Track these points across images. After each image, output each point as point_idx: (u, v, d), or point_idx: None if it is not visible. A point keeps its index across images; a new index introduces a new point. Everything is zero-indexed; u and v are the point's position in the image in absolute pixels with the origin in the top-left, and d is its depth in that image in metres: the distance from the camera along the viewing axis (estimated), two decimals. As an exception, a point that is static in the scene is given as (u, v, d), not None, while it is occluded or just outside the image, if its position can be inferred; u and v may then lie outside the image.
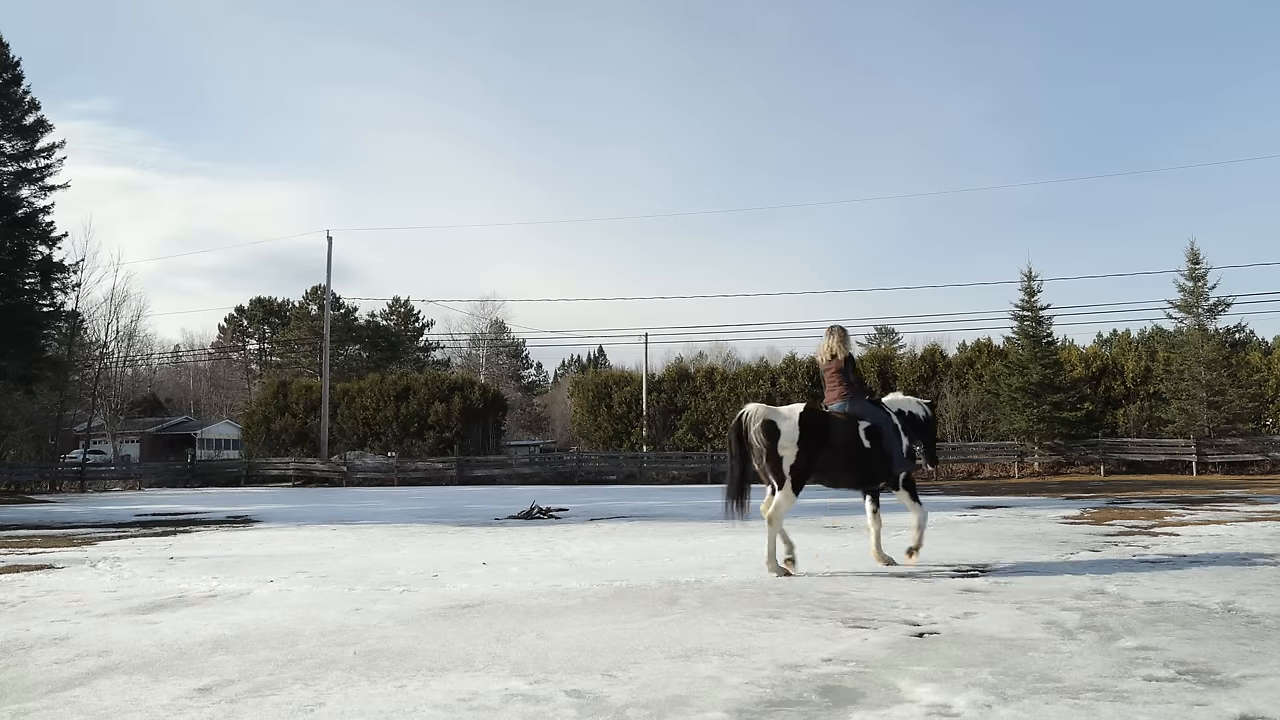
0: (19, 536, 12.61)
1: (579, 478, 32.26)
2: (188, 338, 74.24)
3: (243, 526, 13.73)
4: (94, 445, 43.54)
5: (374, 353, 62.30)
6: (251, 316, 70.83)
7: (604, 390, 39.26)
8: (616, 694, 3.56)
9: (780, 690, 3.58)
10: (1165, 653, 4.09)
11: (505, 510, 15.34)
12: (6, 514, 19.07)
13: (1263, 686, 3.52)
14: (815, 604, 5.54)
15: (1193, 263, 30.44)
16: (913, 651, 4.22)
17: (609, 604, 5.71)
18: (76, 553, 9.99)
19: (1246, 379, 29.58)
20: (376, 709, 3.44)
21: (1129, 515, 12.05)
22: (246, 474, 37.75)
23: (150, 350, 64.68)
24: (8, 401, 34.90)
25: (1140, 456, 28.74)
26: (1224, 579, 6.26)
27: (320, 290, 50.68)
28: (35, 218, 32.98)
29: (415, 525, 12.67)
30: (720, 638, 4.59)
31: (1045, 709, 3.27)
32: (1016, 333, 31.47)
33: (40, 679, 4.07)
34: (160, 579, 7.53)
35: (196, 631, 5.07)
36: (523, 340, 67.16)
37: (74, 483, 35.60)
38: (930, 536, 9.88)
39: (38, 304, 33.57)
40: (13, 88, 32.57)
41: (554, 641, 4.57)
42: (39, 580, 7.66)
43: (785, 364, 37.94)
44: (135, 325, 47.10)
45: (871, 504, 7.36)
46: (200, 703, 3.59)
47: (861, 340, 60.03)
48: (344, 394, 40.67)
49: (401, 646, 4.52)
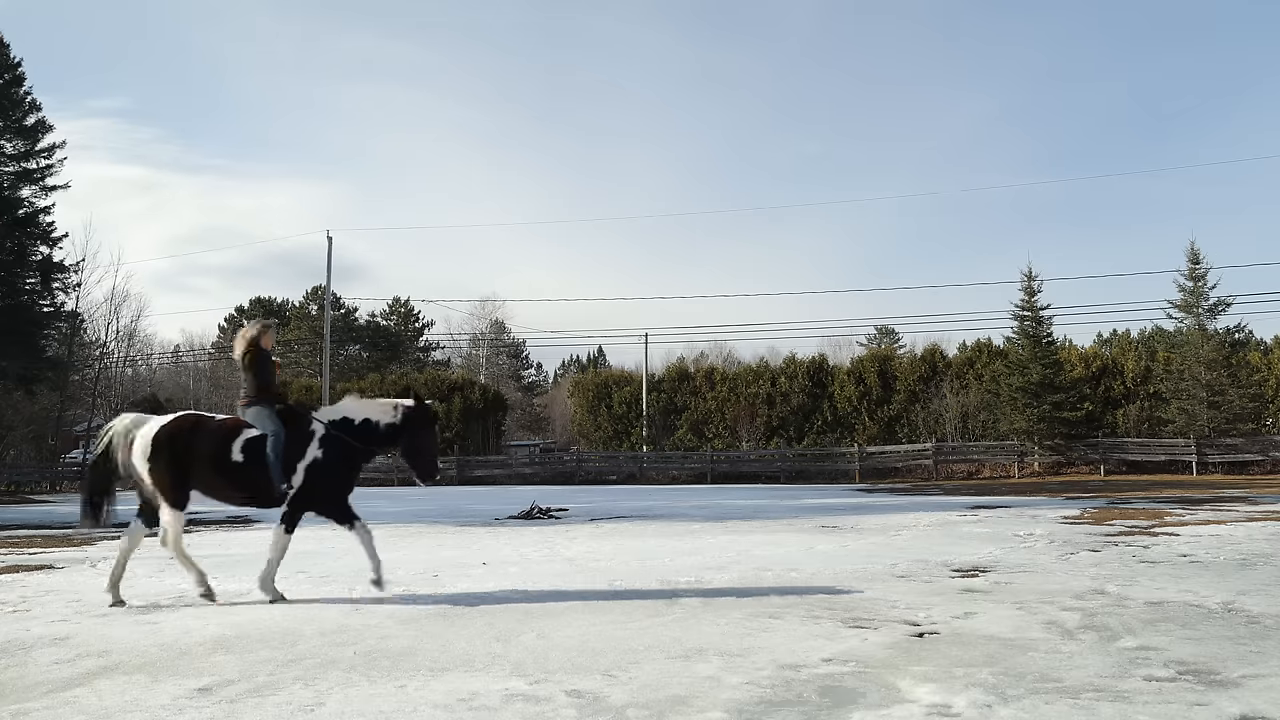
0: (19, 536, 12.61)
1: (579, 478, 32.26)
2: (188, 338, 74.25)
3: (243, 526, 13.74)
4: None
5: (374, 353, 62.34)
6: (251, 316, 70.64)
7: (604, 390, 39.26)
8: (616, 694, 3.56)
9: (780, 690, 3.58)
10: (1165, 653, 4.09)
11: (505, 510, 15.34)
12: (6, 514, 19.07)
13: (1263, 686, 3.52)
14: (815, 604, 5.54)
15: (1193, 263, 30.46)
16: (913, 651, 4.22)
17: (609, 604, 5.71)
18: (76, 553, 9.99)
19: (1246, 379, 29.58)
20: (376, 709, 3.44)
21: (1129, 515, 12.06)
22: (246, 474, 37.69)
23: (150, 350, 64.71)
24: (8, 401, 34.89)
25: (1140, 456, 28.74)
26: (1224, 579, 6.26)
27: (320, 290, 50.71)
28: (36, 218, 32.97)
29: (415, 525, 12.65)
30: (720, 638, 4.59)
31: (1045, 709, 3.27)
32: (1016, 333, 31.48)
33: (40, 679, 4.06)
34: (160, 579, 7.53)
35: (196, 631, 5.07)
36: (523, 340, 67.15)
37: (74, 483, 35.58)
38: (930, 536, 9.91)
39: (38, 304, 33.55)
40: (14, 88, 32.55)
41: (554, 641, 4.57)
42: (39, 580, 7.66)
43: (785, 364, 37.93)
44: (135, 325, 47.17)
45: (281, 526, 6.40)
46: (200, 703, 3.59)
47: (861, 340, 60.00)
48: (344, 394, 40.56)
49: (401, 646, 4.53)
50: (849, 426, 34.68)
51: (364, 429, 6.34)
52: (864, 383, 35.13)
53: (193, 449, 6.08)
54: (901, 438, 33.52)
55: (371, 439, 6.37)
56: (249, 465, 6.08)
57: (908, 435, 33.55)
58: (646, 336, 41.60)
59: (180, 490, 6.11)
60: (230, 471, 6.10)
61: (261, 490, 6.16)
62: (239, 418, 6.35)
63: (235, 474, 6.10)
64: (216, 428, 6.27)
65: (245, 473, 6.09)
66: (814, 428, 35.03)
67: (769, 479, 30.71)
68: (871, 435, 33.81)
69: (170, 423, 6.26)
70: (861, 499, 18.86)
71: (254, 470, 6.07)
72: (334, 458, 6.23)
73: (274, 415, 6.25)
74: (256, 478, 6.08)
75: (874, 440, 33.28)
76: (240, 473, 6.10)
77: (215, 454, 6.09)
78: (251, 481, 6.11)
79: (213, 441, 6.13)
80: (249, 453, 6.09)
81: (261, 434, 6.13)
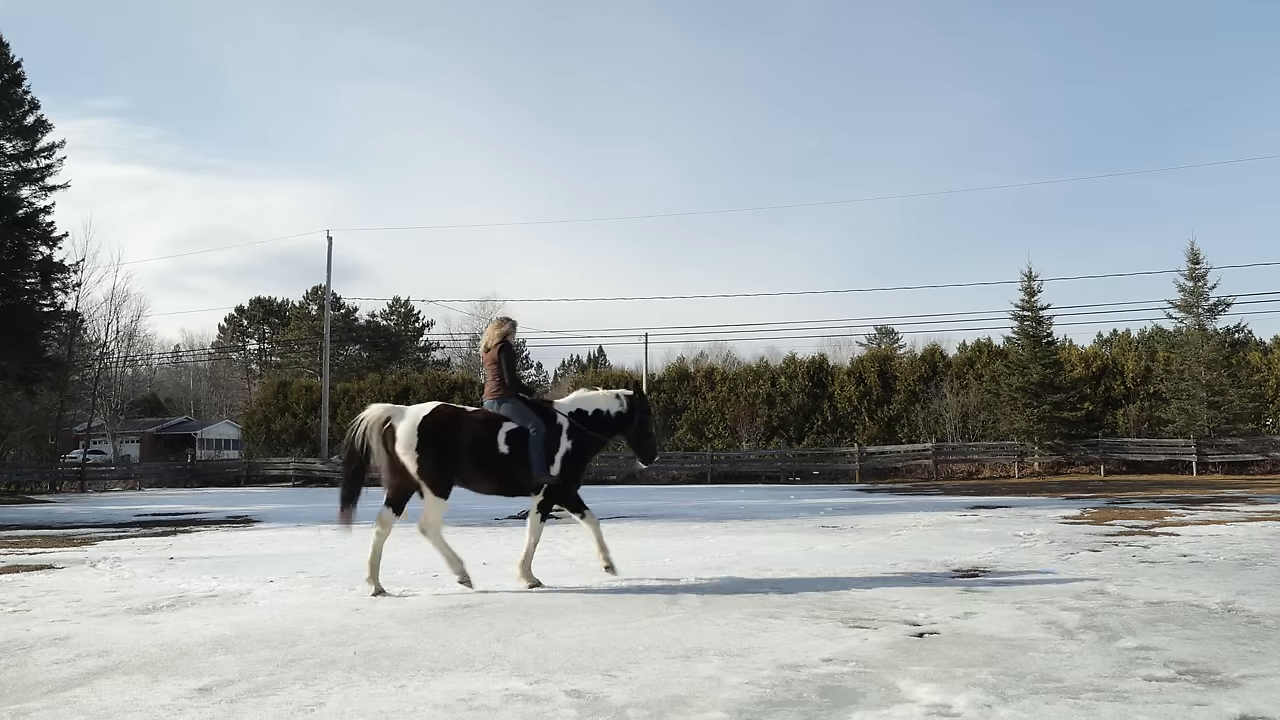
0: (19, 536, 12.61)
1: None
2: (187, 338, 74.26)
3: (243, 526, 13.74)
4: (94, 445, 43.57)
5: (374, 353, 62.33)
6: (251, 316, 70.84)
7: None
8: (616, 694, 3.56)
9: (780, 690, 3.58)
10: (1165, 653, 4.09)
11: (505, 510, 15.33)
12: (6, 514, 19.07)
13: (1263, 686, 3.52)
14: (815, 604, 5.54)
15: (1193, 262, 30.44)
16: (913, 651, 4.22)
17: (609, 604, 5.71)
18: (76, 553, 9.99)
19: (1246, 379, 29.57)
20: (376, 709, 3.44)
21: (1129, 515, 12.05)
22: (246, 474, 37.75)
23: (150, 350, 64.72)
24: (8, 401, 34.90)
25: (1140, 456, 28.74)
26: (1224, 579, 6.26)
27: (320, 290, 50.69)
28: (35, 218, 32.99)
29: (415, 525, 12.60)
30: (720, 638, 4.59)
31: (1045, 709, 3.27)
32: (1016, 333, 31.46)
33: (40, 679, 4.06)
34: (160, 579, 7.53)
35: (196, 631, 5.07)
36: (523, 340, 67.11)
37: (74, 483, 35.61)
38: (930, 536, 9.90)
39: (38, 304, 33.58)
40: (13, 88, 32.57)
41: (554, 641, 4.57)
42: (39, 580, 7.65)
43: (785, 364, 37.90)
44: (135, 325, 47.21)
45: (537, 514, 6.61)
46: (200, 703, 3.58)
47: (861, 340, 60.06)
48: (344, 394, 40.66)
49: (401, 646, 4.52)
50: (849, 426, 34.67)
51: (596, 419, 6.63)
52: (864, 383, 35.12)
53: (458, 440, 6.27)
54: (901, 438, 33.51)
55: (604, 429, 6.68)
56: (513, 456, 6.31)
57: (908, 435, 33.54)
58: (646, 336, 41.68)
59: (445, 479, 6.29)
60: (493, 463, 6.32)
61: (518, 481, 6.43)
62: (487, 410, 6.54)
63: (498, 465, 6.34)
64: (478, 420, 6.45)
65: (508, 464, 6.33)
66: (814, 428, 35.02)
67: (769, 479, 30.70)
68: (871, 435, 33.80)
69: (432, 413, 6.36)
70: (861, 499, 18.85)
71: (516, 461, 6.32)
72: (580, 449, 6.53)
73: (530, 409, 6.49)
74: (517, 469, 6.33)
75: (874, 440, 33.27)
76: (504, 464, 6.33)
77: (480, 445, 6.29)
78: (512, 473, 6.36)
79: (477, 433, 6.33)
80: (512, 444, 6.32)
81: (521, 427, 6.35)
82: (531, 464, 6.30)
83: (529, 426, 6.35)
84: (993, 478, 28.58)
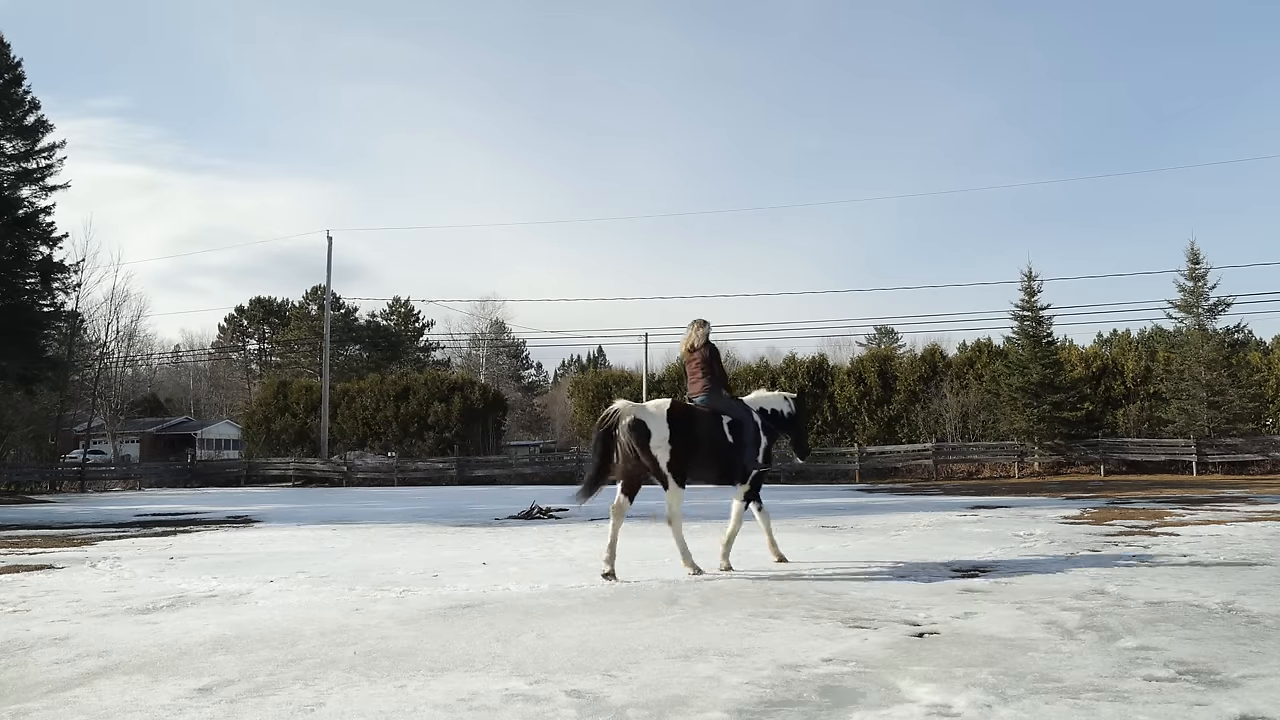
0: (19, 536, 12.61)
1: (579, 478, 32.08)
2: (187, 338, 74.24)
3: (243, 526, 13.73)
4: (94, 445, 43.55)
5: (374, 353, 62.32)
6: (251, 316, 70.83)
7: (604, 390, 39.23)
8: (616, 694, 3.56)
9: (780, 690, 3.58)
10: (1165, 653, 4.09)
11: (505, 510, 15.35)
12: (6, 514, 19.07)
13: (1262, 686, 3.52)
14: (815, 604, 5.54)
15: (1193, 263, 30.45)
16: (913, 651, 4.22)
17: (609, 604, 5.71)
18: (76, 553, 9.99)
19: (1246, 379, 29.58)
20: (376, 709, 3.43)
21: (1129, 515, 12.05)
22: (246, 474, 37.76)
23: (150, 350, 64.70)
24: (8, 401, 34.90)
25: (1140, 456, 28.74)
26: (1224, 579, 6.26)
27: (320, 290, 50.69)
28: (36, 218, 32.98)
29: (415, 525, 12.66)
30: (720, 638, 4.58)
31: (1045, 709, 3.27)
32: (1016, 333, 31.48)
33: (40, 679, 4.06)
34: (160, 579, 7.53)
35: (196, 631, 5.07)
36: (523, 340, 67.20)
37: (74, 483, 35.61)
38: (930, 536, 9.90)
39: (38, 304, 33.57)
40: (13, 88, 32.56)
41: (554, 641, 4.57)
42: (39, 580, 7.65)
43: (785, 364, 37.91)
44: (135, 325, 47.20)
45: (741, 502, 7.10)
46: (200, 703, 3.58)
47: (861, 340, 60.09)
48: (344, 394, 40.69)
49: (401, 646, 4.52)
50: (849, 426, 34.68)
51: (774, 418, 7.20)
52: (864, 383, 35.12)
53: (697, 432, 6.63)
54: (901, 438, 33.52)
55: (779, 426, 7.24)
56: (736, 447, 6.75)
57: (908, 435, 33.54)
58: (646, 336, 41.75)
59: (684, 470, 6.63)
60: (721, 452, 6.72)
61: (736, 471, 6.87)
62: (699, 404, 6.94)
63: (724, 455, 6.74)
64: (705, 414, 6.83)
65: (733, 454, 6.74)
66: (814, 428, 35.02)
67: (769, 479, 30.67)
68: (871, 435, 33.81)
69: (673, 408, 6.68)
70: (861, 499, 18.85)
71: (738, 452, 6.74)
72: (771, 443, 7.14)
73: (736, 404, 6.99)
74: (736, 459, 6.77)
75: (874, 440, 33.28)
76: (729, 454, 6.74)
77: (713, 437, 6.70)
78: (732, 463, 6.79)
79: (709, 426, 6.73)
80: (735, 436, 6.77)
81: (736, 420, 6.81)
82: (745, 454, 6.74)
83: (745, 419, 6.84)
84: (993, 478, 28.58)
